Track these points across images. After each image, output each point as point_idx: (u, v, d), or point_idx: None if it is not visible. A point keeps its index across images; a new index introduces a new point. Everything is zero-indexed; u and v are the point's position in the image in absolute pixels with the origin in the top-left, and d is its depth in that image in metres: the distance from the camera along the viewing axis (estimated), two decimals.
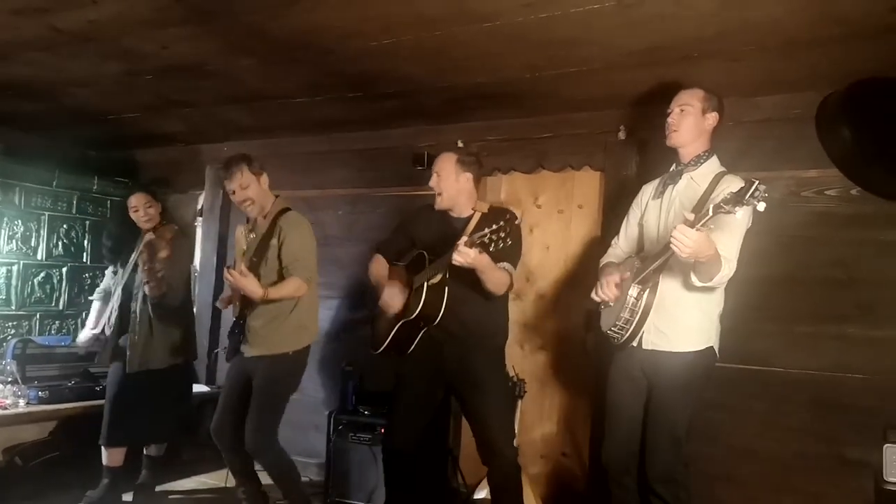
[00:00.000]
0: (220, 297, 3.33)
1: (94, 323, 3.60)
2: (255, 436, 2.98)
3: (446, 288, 2.73)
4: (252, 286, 2.85)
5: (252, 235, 3.16)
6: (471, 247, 2.47)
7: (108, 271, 3.77)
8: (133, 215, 3.50)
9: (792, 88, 3.07)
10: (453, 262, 2.53)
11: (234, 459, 3.14)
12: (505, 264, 2.71)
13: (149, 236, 3.35)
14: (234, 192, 3.07)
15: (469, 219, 2.87)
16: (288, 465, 3.10)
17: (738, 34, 2.54)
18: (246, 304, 3.07)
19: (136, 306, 3.44)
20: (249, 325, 3.06)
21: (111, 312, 3.50)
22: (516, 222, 2.44)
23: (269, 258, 3.03)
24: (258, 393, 3.02)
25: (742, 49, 2.67)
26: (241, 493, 3.21)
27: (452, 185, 2.86)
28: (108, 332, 3.49)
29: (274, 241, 3.03)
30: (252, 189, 3.05)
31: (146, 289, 3.36)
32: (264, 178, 3.11)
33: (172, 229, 3.50)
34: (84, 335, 3.64)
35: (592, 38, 2.64)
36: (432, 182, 2.88)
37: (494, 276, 2.68)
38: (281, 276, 3.03)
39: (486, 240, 2.43)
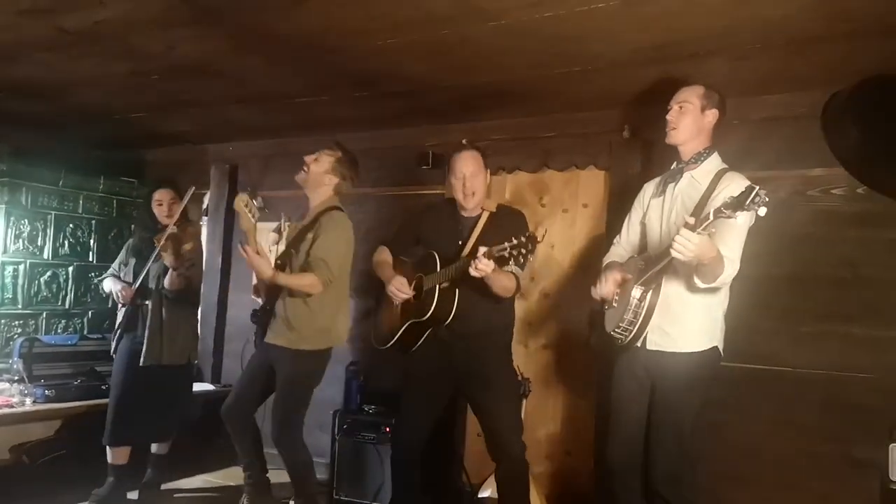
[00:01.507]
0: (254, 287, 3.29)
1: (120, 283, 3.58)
2: (281, 427, 3.01)
3: (457, 291, 2.74)
4: (263, 265, 2.88)
5: (296, 226, 3.18)
6: (489, 258, 2.48)
7: (117, 262, 3.78)
8: (156, 209, 3.58)
9: (798, 86, 3.06)
10: (471, 274, 2.53)
11: (242, 442, 3.16)
12: (513, 267, 2.71)
13: (171, 230, 3.38)
14: (310, 153, 3.12)
15: (478, 218, 2.88)
16: (307, 461, 3.12)
17: (745, 32, 2.54)
18: (273, 291, 3.08)
19: (150, 300, 3.47)
20: (276, 312, 3.07)
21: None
22: (539, 241, 2.41)
23: (301, 250, 3.03)
24: (283, 386, 3.05)
25: (748, 47, 2.67)
26: (246, 477, 3.23)
27: (483, 185, 2.87)
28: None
29: (310, 235, 3.04)
30: (315, 167, 3.09)
31: (166, 281, 3.40)
32: (332, 179, 3.12)
33: (195, 225, 3.57)
34: (118, 291, 3.55)
35: (598, 36, 2.64)
36: (466, 183, 2.83)
37: (503, 282, 2.69)
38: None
39: (505, 254, 2.44)
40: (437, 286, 2.78)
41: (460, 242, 2.85)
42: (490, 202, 2.93)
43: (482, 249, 2.50)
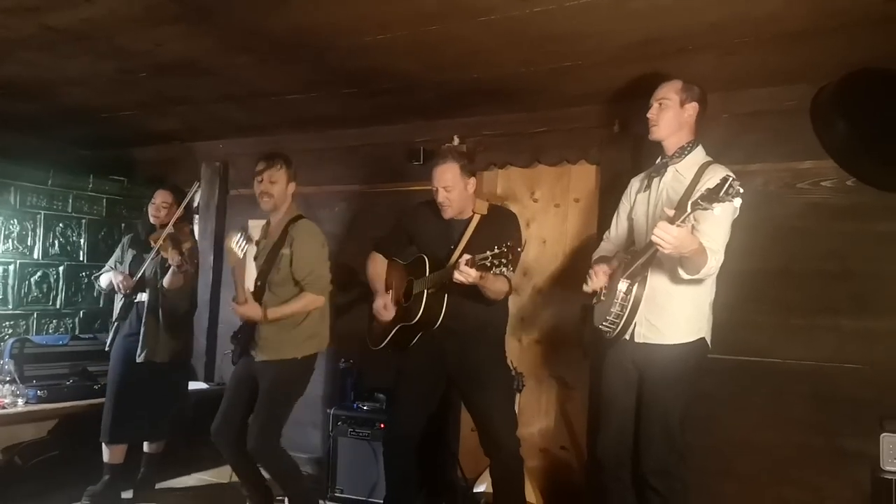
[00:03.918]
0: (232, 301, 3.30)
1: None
2: (258, 438, 2.98)
3: (446, 296, 2.76)
4: (252, 312, 2.91)
5: (261, 243, 3.14)
6: (472, 266, 2.49)
7: (112, 260, 3.78)
8: (150, 207, 3.61)
9: (786, 80, 3.07)
10: (454, 280, 2.56)
11: (235, 458, 3.14)
12: (502, 269, 2.72)
13: (168, 229, 3.39)
14: (261, 181, 3.08)
15: (469, 220, 2.88)
16: (289, 466, 3.09)
17: (734, 26, 2.54)
18: None
19: (146, 297, 3.47)
20: (260, 330, 3.04)
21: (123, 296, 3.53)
22: (519, 249, 2.43)
23: (281, 267, 3.02)
24: (264, 396, 3.01)
25: (737, 41, 2.67)
26: (244, 490, 3.22)
27: (461, 195, 2.85)
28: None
29: (286, 251, 3.01)
30: (277, 189, 3.07)
31: (165, 280, 3.40)
32: (292, 186, 3.13)
33: (189, 226, 3.61)
34: (119, 281, 3.54)
35: (588, 31, 2.64)
36: (440, 197, 2.83)
37: (494, 287, 2.71)
38: (293, 283, 3.02)
39: (487, 263, 2.45)
40: (425, 291, 2.80)
41: (452, 247, 2.86)
42: (481, 204, 2.93)
43: (465, 258, 2.53)
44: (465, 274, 2.51)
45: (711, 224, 2.33)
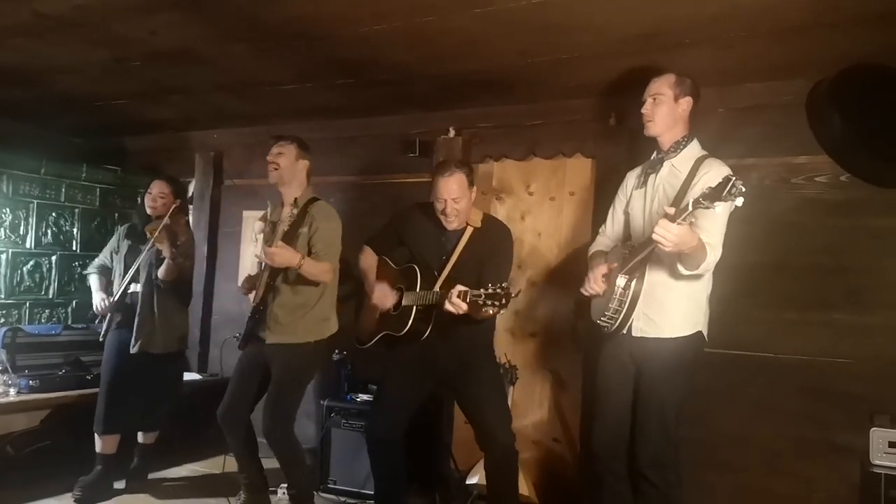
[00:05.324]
0: (242, 282, 3.28)
1: (103, 292, 3.61)
2: (273, 421, 3.00)
3: (434, 312, 2.75)
4: (289, 254, 2.90)
5: (276, 223, 3.14)
6: (463, 300, 2.49)
7: (108, 249, 3.77)
8: (147, 198, 3.60)
9: (783, 74, 3.07)
10: (445, 309, 2.56)
11: (237, 444, 3.15)
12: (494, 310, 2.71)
13: (165, 221, 3.38)
14: (269, 154, 3.17)
15: (462, 232, 2.86)
16: (299, 454, 3.12)
17: (731, 20, 2.54)
18: (269, 290, 3.07)
19: (140, 288, 3.46)
20: (273, 311, 3.05)
21: (119, 290, 3.52)
22: (514, 296, 2.43)
23: (298, 245, 3.02)
24: (278, 380, 3.04)
25: (734, 35, 2.67)
26: (242, 478, 3.22)
27: (466, 207, 2.83)
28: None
29: (304, 230, 3.05)
30: (283, 160, 3.14)
31: (160, 271, 3.39)
32: (303, 164, 3.19)
33: (185, 217, 3.61)
34: (98, 303, 3.59)
35: (585, 24, 2.63)
36: (448, 208, 2.78)
37: (482, 314, 2.67)
38: None
39: (479, 301, 2.45)
40: (414, 307, 2.80)
41: (444, 258, 2.85)
42: (476, 215, 2.89)
43: (458, 289, 2.52)
44: (456, 306, 2.52)
45: (710, 220, 2.33)
